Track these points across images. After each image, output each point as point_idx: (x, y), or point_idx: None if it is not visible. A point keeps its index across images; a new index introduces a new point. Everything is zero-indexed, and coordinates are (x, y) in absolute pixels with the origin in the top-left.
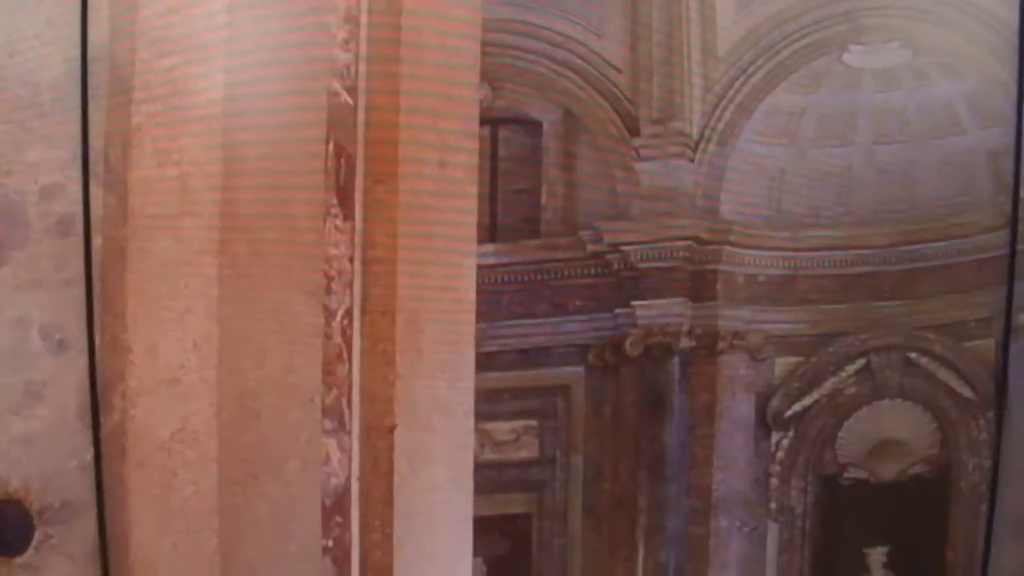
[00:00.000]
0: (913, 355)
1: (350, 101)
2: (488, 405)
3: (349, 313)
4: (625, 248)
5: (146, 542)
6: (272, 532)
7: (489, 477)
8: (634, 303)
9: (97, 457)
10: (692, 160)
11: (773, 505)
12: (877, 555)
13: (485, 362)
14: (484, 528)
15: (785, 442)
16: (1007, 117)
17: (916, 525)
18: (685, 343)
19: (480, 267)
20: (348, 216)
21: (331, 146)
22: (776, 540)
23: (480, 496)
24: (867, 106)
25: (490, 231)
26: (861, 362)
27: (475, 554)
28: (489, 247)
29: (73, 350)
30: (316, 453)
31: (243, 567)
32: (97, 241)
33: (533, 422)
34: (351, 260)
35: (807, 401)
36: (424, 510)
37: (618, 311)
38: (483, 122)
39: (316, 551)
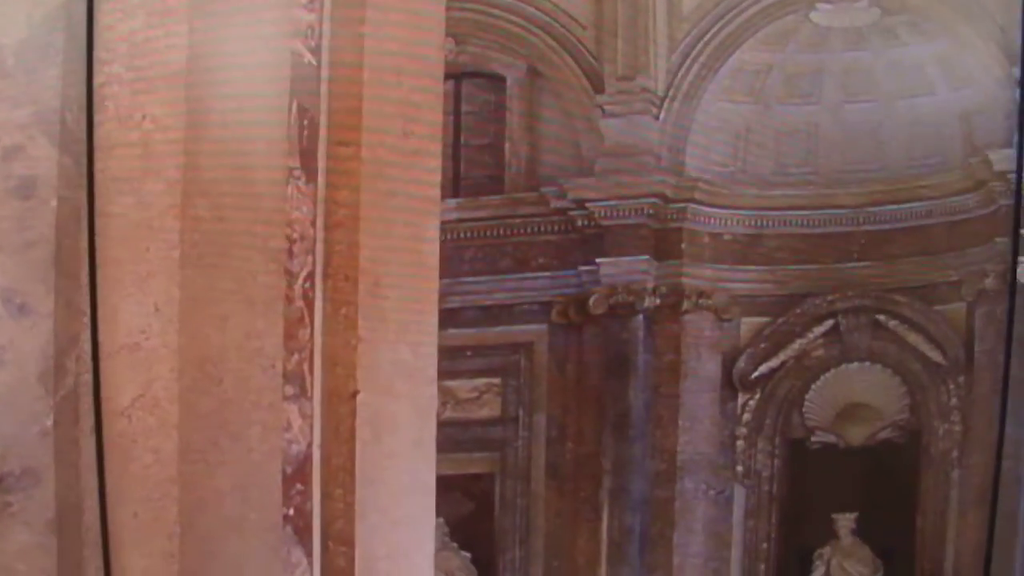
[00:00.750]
0: (882, 317)
1: (313, 62)
2: (450, 363)
3: (311, 277)
4: (589, 205)
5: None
6: (233, 501)
7: (451, 436)
8: (598, 260)
9: (98, 427)
10: (657, 117)
11: (740, 468)
12: (846, 521)
13: (447, 319)
14: (446, 488)
15: (752, 404)
16: (977, 78)
17: (885, 491)
18: (649, 301)
19: (442, 222)
20: (311, 179)
21: (294, 108)
22: (743, 504)
23: (442, 455)
24: (834, 65)
25: (453, 186)
26: (829, 324)
27: (437, 514)
28: (452, 202)
29: (35, 314)
30: (277, 419)
31: (203, 536)
32: (52, 203)
33: (495, 380)
34: (313, 223)
35: (774, 363)
36: (387, 478)
37: (582, 268)
38: (446, 76)
39: (277, 520)
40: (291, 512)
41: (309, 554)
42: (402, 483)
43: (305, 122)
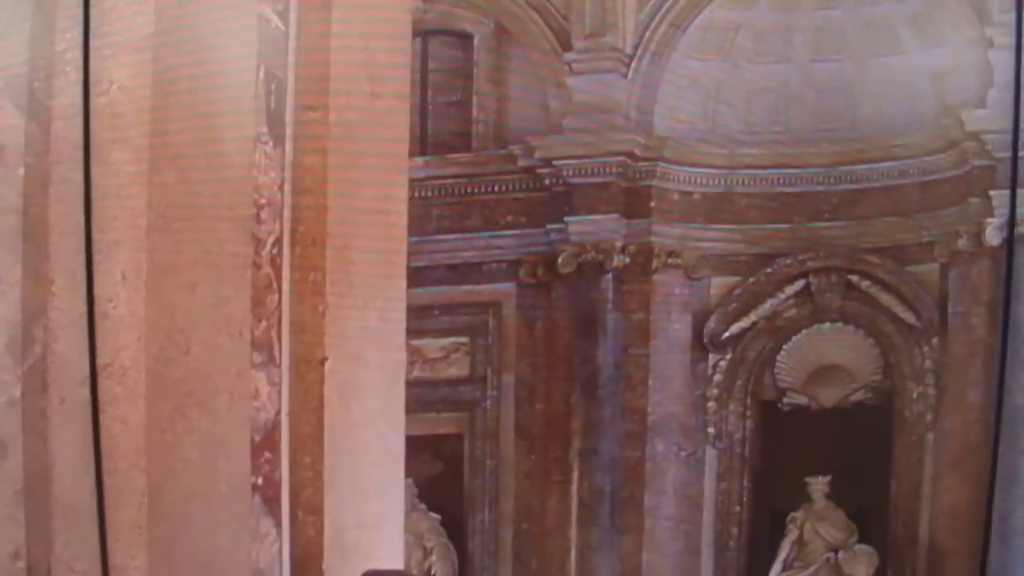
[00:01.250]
0: (854, 278)
1: (281, 26)
2: (418, 321)
3: (279, 242)
4: (557, 163)
5: (70, 481)
6: (201, 470)
7: (419, 395)
8: (567, 219)
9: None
10: (625, 75)
11: (711, 430)
12: (819, 484)
13: (414, 277)
14: (415, 448)
15: (722, 364)
16: (950, 38)
17: (859, 454)
18: (619, 260)
19: (410, 180)
20: (278, 143)
21: (262, 72)
22: (714, 466)
23: (410, 415)
24: (805, 23)
25: (420, 144)
26: (800, 284)
27: (406, 475)
28: (419, 160)
29: (2, 283)
30: (245, 387)
31: (171, 507)
32: (20, 171)
33: (463, 339)
34: (281, 188)
35: (744, 323)
36: (355, 446)
37: (550, 227)
38: (414, 34)
39: (246, 489)
40: (260, 481)
41: (278, 524)
42: (371, 451)
43: (273, 87)
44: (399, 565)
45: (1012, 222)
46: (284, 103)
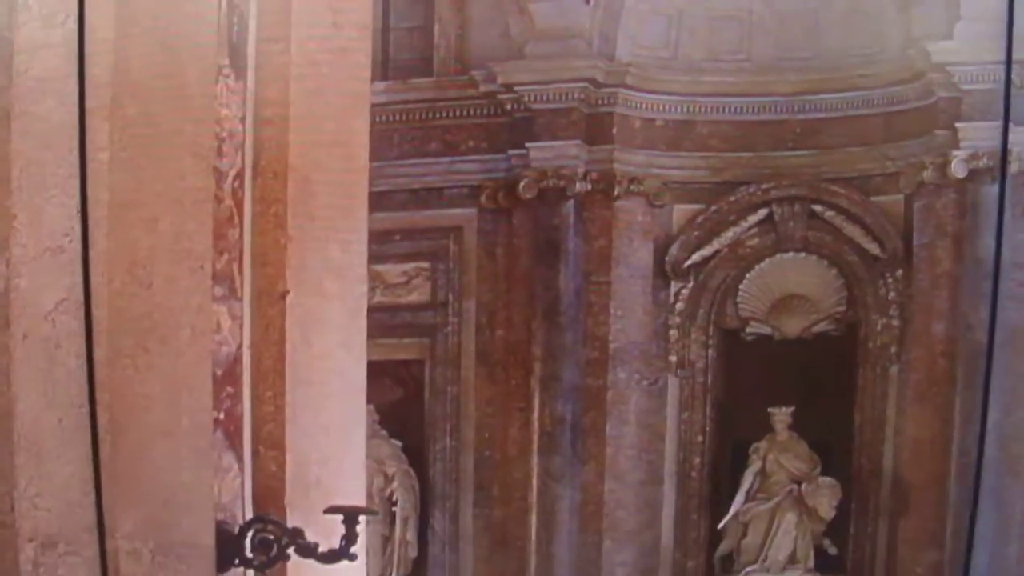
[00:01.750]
0: (818, 208)
1: None
2: (379, 247)
3: (240, 175)
4: (519, 89)
5: (32, 418)
6: (163, 406)
7: (380, 321)
8: (528, 144)
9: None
10: (588, 1)
11: (673, 358)
12: (782, 415)
13: (376, 202)
14: (376, 374)
15: (684, 292)
16: None
17: (822, 385)
18: (580, 187)
19: (371, 105)
20: (240, 76)
21: (223, 4)
22: (677, 396)
23: (371, 341)
24: None
25: (381, 69)
26: (763, 213)
27: (367, 401)
28: (380, 85)
29: None
30: (207, 321)
31: (132, 443)
32: None
33: (424, 264)
34: (243, 121)
35: (707, 251)
36: (317, 379)
37: (512, 152)
38: None
39: (207, 424)
40: (221, 416)
41: (240, 459)
42: (332, 385)
43: (235, 19)
44: (361, 500)
45: (1005, 155)
46: (246, 35)
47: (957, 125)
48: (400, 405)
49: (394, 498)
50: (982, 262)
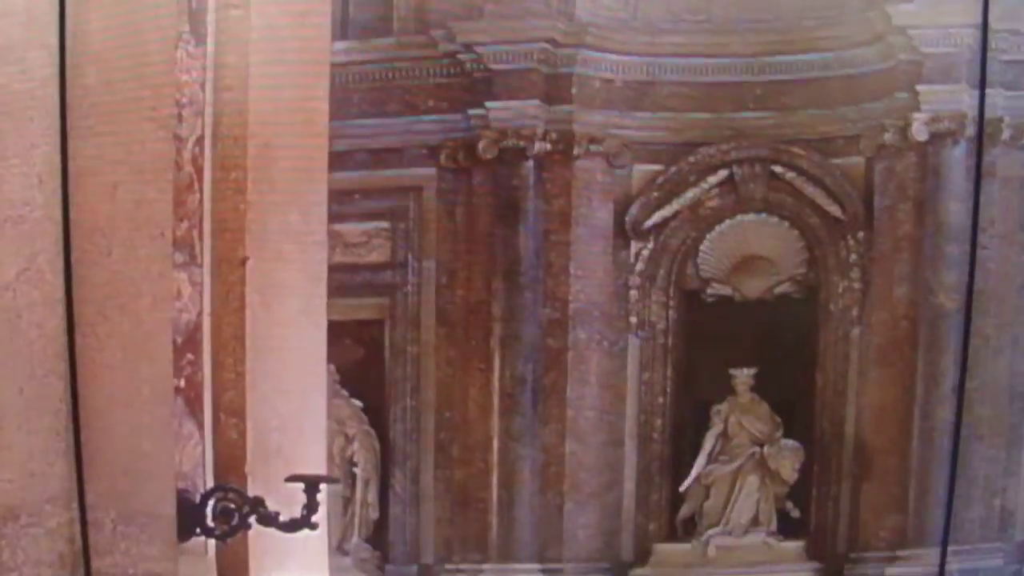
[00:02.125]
0: (778, 169)
1: None
2: (339, 206)
3: (200, 141)
4: (478, 48)
5: None
6: (123, 374)
7: (340, 280)
8: (487, 104)
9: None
10: None
11: (633, 319)
12: (744, 377)
13: (335, 161)
14: (336, 334)
15: (645, 253)
16: None
17: (784, 347)
18: (540, 147)
19: (331, 65)
20: (200, 42)
21: None
22: (637, 357)
23: (331, 301)
24: None
25: (341, 28)
26: (724, 174)
27: (327, 361)
28: (340, 45)
29: None
30: (167, 289)
31: (93, 412)
32: None
33: (384, 224)
34: (203, 87)
35: (667, 211)
36: (277, 346)
37: (471, 112)
38: None
39: (168, 392)
40: (182, 384)
41: (201, 427)
42: (293, 352)
43: None
44: (321, 467)
45: (982, 118)
46: (206, 2)
47: (918, 88)
48: (360, 365)
49: (355, 459)
50: (943, 225)
